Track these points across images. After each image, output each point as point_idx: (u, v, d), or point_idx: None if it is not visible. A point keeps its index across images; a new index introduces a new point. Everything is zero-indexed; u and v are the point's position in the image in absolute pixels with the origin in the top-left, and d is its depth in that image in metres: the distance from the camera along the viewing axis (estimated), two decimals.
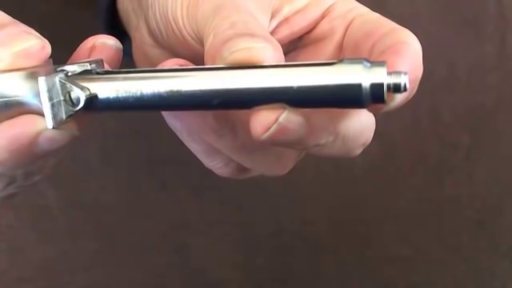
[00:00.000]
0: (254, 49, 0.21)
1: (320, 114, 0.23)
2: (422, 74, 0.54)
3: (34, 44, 0.23)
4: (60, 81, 0.21)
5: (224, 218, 0.48)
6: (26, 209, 0.43)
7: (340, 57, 0.27)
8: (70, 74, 0.21)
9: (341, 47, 0.30)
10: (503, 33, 0.54)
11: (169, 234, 0.48)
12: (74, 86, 0.21)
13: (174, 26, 0.28)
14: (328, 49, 0.30)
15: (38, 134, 0.22)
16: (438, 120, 0.52)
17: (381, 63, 0.19)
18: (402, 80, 0.19)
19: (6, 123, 0.22)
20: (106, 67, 0.24)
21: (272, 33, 0.29)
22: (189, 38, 0.28)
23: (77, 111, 0.21)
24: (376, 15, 0.30)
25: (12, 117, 0.22)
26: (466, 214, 0.50)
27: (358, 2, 0.32)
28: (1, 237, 0.46)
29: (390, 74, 0.19)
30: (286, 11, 0.30)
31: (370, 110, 0.24)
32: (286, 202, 0.49)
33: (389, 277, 0.48)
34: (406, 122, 0.51)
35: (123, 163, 0.44)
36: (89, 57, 0.26)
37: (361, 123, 0.27)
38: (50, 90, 0.20)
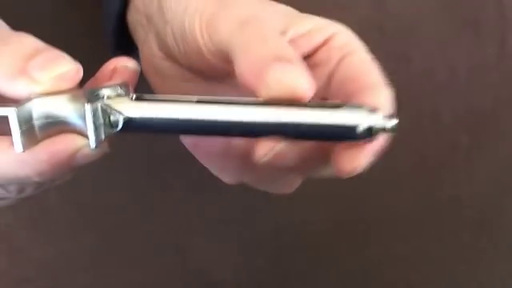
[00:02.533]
0: (298, 87, 0.24)
1: (314, 145, 0.25)
2: (423, 75, 0.54)
3: (70, 68, 0.26)
4: (102, 106, 0.24)
5: (224, 218, 0.48)
6: (26, 209, 0.43)
7: (329, 87, 0.30)
8: (106, 98, 0.24)
9: (329, 80, 0.31)
10: (503, 33, 0.54)
11: (169, 234, 0.48)
12: (113, 111, 0.24)
13: (193, 43, 0.29)
14: (322, 76, 0.32)
15: (77, 151, 0.25)
16: (438, 120, 0.52)
17: (375, 108, 0.23)
18: (391, 124, 0.24)
19: (51, 140, 0.25)
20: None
21: None
22: (207, 53, 0.29)
23: (115, 133, 0.24)
24: (364, 58, 0.32)
25: (54, 134, 0.25)
26: (465, 214, 0.50)
27: (356, 37, 0.33)
28: (1, 237, 0.46)
29: (385, 117, 0.24)
30: (291, 33, 0.31)
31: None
32: (286, 202, 0.49)
33: (389, 277, 0.48)
34: (405, 122, 0.51)
35: (123, 163, 0.44)
36: (111, 78, 0.28)
37: None
38: (94, 115, 0.24)
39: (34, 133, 0.25)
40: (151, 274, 0.47)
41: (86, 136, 0.24)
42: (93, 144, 0.24)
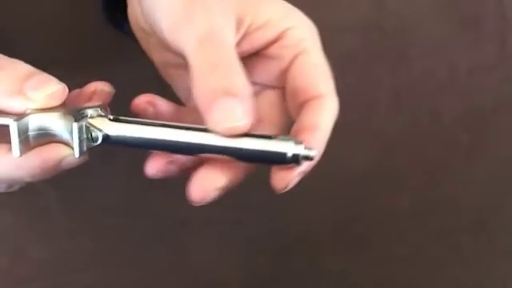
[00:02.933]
0: (238, 126, 0.29)
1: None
2: (422, 75, 0.54)
3: (58, 88, 0.30)
4: (85, 125, 0.30)
5: (224, 217, 0.48)
6: (26, 209, 0.44)
7: (284, 83, 0.35)
8: (89, 117, 0.30)
9: (285, 73, 0.35)
10: (503, 33, 0.54)
11: (169, 234, 0.48)
12: (94, 129, 0.30)
13: (160, 34, 0.33)
14: (275, 70, 0.36)
15: (63, 159, 0.30)
16: (438, 120, 0.52)
17: (300, 142, 0.30)
18: (311, 153, 0.30)
19: (42, 148, 0.30)
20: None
21: (236, 46, 0.33)
22: (171, 48, 0.33)
23: (95, 146, 0.30)
24: (315, 62, 0.35)
25: (44, 143, 0.30)
26: (465, 214, 0.50)
27: (310, 33, 0.36)
28: (1, 237, 0.46)
29: (306, 148, 0.30)
30: (247, 24, 0.34)
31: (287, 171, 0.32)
32: (286, 202, 0.49)
33: (388, 276, 0.48)
34: (405, 123, 0.52)
35: (123, 163, 0.44)
36: (90, 99, 0.33)
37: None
38: (79, 131, 0.29)
39: (28, 141, 0.30)
40: (151, 273, 0.47)
41: (71, 147, 0.30)
42: (77, 154, 0.30)
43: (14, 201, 0.43)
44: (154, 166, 0.32)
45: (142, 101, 0.34)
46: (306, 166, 0.31)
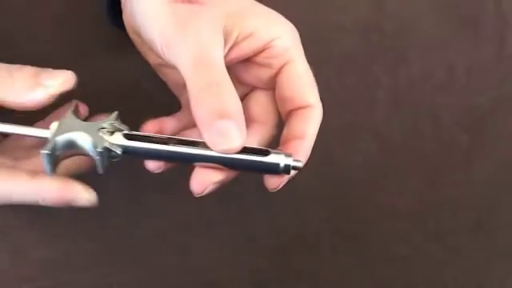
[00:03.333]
0: (232, 146, 0.33)
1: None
2: (421, 75, 0.54)
3: (68, 74, 0.36)
4: (107, 146, 0.35)
5: (224, 217, 0.48)
6: (26, 208, 0.43)
7: (274, 86, 0.40)
8: (107, 130, 0.35)
9: (274, 79, 0.39)
10: (502, 34, 0.54)
11: (169, 234, 0.48)
12: (114, 147, 0.35)
13: (151, 43, 0.37)
14: (264, 76, 0.40)
15: (79, 199, 0.37)
16: (437, 121, 0.52)
17: (289, 155, 0.35)
18: (299, 164, 0.35)
19: (64, 185, 0.36)
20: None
21: (225, 55, 0.37)
22: (163, 58, 0.37)
23: (115, 161, 0.36)
24: (300, 71, 0.39)
25: (69, 156, 0.36)
26: (464, 215, 0.50)
27: (294, 40, 0.39)
28: (1, 236, 0.46)
29: (295, 160, 0.35)
30: (235, 35, 0.37)
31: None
32: (286, 202, 0.49)
33: (388, 276, 0.48)
34: (405, 123, 0.52)
35: (123, 163, 0.44)
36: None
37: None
38: (102, 152, 0.34)
39: (57, 159, 0.35)
40: (151, 273, 0.47)
41: (93, 160, 0.35)
42: (100, 171, 0.35)
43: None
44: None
45: (151, 128, 0.39)
46: (293, 174, 0.37)
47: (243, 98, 0.42)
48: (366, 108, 0.50)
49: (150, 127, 0.39)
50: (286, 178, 0.37)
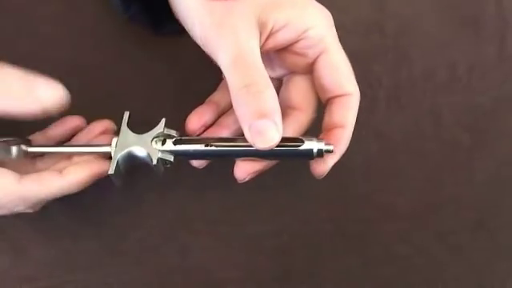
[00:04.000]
0: (271, 142, 0.36)
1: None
2: (423, 75, 0.54)
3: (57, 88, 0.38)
4: (161, 155, 0.40)
5: (224, 217, 0.48)
6: None
7: (311, 72, 0.42)
8: (160, 138, 0.40)
9: (312, 66, 0.41)
10: (503, 33, 0.54)
11: (169, 234, 0.48)
12: (167, 155, 0.40)
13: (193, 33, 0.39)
14: (302, 64, 0.42)
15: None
16: (438, 120, 0.52)
17: (321, 139, 0.39)
18: (330, 148, 0.39)
19: (89, 165, 0.41)
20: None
21: (262, 46, 0.39)
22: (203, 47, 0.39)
23: (167, 166, 0.40)
24: (336, 60, 0.41)
25: (129, 165, 0.41)
26: (465, 214, 0.50)
27: (328, 29, 0.41)
28: (2, 236, 0.46)
29: (326, 144, 0.39)
30: (270, 26, 0.38)
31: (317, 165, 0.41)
32: (286, 201, 0.49)
33: (388, 276, 0.48)
34: (406, 122, 0.52)
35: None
36: (98, 137, 0.44)
37: None
38: (158, 163, 0.40)
39: (120, 171, 0.40)
40: (151, 273, 0.47)
41: (152, 168, 0.40)
42: (157, 176, 0.41)
43: None
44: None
45: (194, 120, 0.42)
46: (338, 157, 0.41)
47: (281, 81, 0.44)
48: (367, 108, 0.50)
49: (192, 120, 0.42)
50: (330, 165, 0.41)
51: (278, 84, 0.44)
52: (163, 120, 0.40)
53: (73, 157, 0.42)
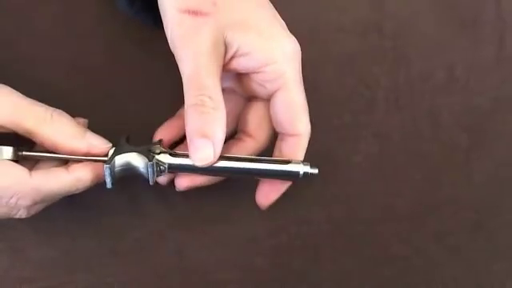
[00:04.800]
0: (208, 160, 0.39)
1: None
2: (421, 76, 0.54)
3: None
4: (156, 162, 0.40)
5: (222, 218, 0.48)
6: None
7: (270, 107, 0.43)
8: (156, 152, 0.41)
9: (270, 97, 0.42)
10: (502, 34, 0.54)
11: (167, 235, 0.48)
12: (162, 164, 0.41)
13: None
14: (261, 92, 0.42)
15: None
16: (437, 121, 0.52)
17: (307, 163, 0.41)
18: (315, 171, 0.41)
19: (95, 166, 0.41)
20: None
21: (226, 64, 0.40)
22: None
23: (162, 175, 0.41)
24: (294, 98, 0.41)
25: (126, 175, 0.41)
26: (464, 215, 0.50)
27: (290, 64, 0.40)
28: (2, 237, 0.46)
29: (312, 167, 0.41)
30: (235, 48, 0.39)
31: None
32: (286, 201, 0.49)
33: (388, 276, 0.48)
34: (405, 123, 0.52)
35: None
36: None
37: None
38: (152, 167, 0.40)
39: (114, 174, 0.40)
40: (150, 273, 0.47)
41: (146, 176, 0.41)
42: (151, 183, 0.41)
43: None
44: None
45: (161, 134, 0.43)
46: (282, 191, 0.43)
47: (244, 103, 0.44)
48: (366, 108, 0.50)
49: (160, 134, 0.43)
50: (276, 197, 0.44)
51: (245, 102, 0.45)
52: (160, 140, 0.42)
53: (69, 164, 0.42)
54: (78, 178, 0.40)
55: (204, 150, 0.38)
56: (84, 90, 0.43)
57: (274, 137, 0.43)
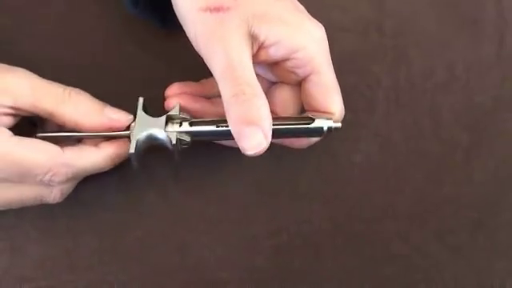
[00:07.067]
0: (260, 152, 0.38)
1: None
2: (422, 74, 0.54)
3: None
4: (178, 136, 0.41)
5: (224, 217, 0.48)
6: (26, 209, 0.44)
7: (300, 85, 0.43)
8: (177, 122, 0.41)
9: (301, 82, 0.42)
10: (502, 33, 0.54)
11: (169, 234, 0.48)
12: (184, 136, 0.41)
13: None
14: (291, 79, 0.42)
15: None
16: (438, 119, 0.52)
17: (330, 118, 0.41)
18: (338, 125, 0.41)
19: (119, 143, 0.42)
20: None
21: (254, 55, 0.40)
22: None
23: (184, 147, 0.42)
24: (326, 80, 0.42)
25: (150, 146, 0.42)
26: (465, 214, 0.50)
27: (319, 48, 0.41)
28: (2, 236, 0.46)
29: (334, 121, 0.41)
30: (262, 39, 0.39)
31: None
32: (286, 201, 0.49)
33: (388, 276, 0.48)
34: (405, 122, 0.52)
35: (124, 163, 0.45)
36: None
37: None
38: (176, 141, 0.41)
39: (140, 152, 0.41)
40: (150, 272, 0.47)
41: (169, 149, 0.42)
42: (176, 158, 0.42)
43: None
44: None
45: (176, 88, 0.43)
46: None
47: (269, 86, 0.45)
48: (366, 108, 0.50)
49: (174, 88, 0.43)
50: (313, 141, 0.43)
51: (270, 85, 0.45)
52: (178, 104, 0.42)
53: (99, 142, 0.43)
54: (107, 154, 0.41)
55: (254, 137, 0.37)
56: (84, 89, 0.43)
57: None
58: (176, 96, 0.43)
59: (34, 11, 0.47)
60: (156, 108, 0.44)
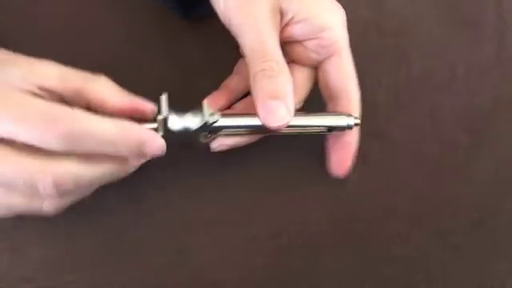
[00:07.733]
0: (282, 126, 0.38)
1: None
2: (422, 75, 0.54)
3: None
4: (211, 127, 0.41)
5: (224, 217, 0.48)
6: None
7: (316, 67, 0.44)
8: (210, 115, 0.41)
9: (319, 64, 0.43)
10: (502, 34, 0.54)
11: (169, 234, 0.48)
12: (217, 127, 0.41)
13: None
14: (311, 59, 0.43)
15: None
16: (438, 120, 0.52)
17: (350, 114, 0.43)
18: (358, 121, 0.44)
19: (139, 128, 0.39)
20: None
21: (280, 31, 0.40)
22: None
23: (214, 138, 0.43)
24: (346, 65, 0.43)
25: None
26: (465, 214, 0.50)
27: (343, 33, 0.43)
28: (2, 236, 0.46)
29: (355, 118, 0.43)
30: (290, 16, 0.40)
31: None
32: (286, 201, 0.49)
33: (388, 276, 0.48)
34: (405, 122, 0.52)
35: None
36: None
37: None
38: (209, 132, 0.42)
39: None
40: (151, 273, 0.47)
41: (200, 140, 0.42)
42: (215, 145, 0.43)
43: None
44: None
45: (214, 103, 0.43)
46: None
47: None
48: (366, 108, 0.50)
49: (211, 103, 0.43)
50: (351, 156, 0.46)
51: None
52: (205, 103, 0.42)
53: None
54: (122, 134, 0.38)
55: (278, 111, 0.38)
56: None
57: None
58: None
59: (34, 11, 0.47)
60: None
